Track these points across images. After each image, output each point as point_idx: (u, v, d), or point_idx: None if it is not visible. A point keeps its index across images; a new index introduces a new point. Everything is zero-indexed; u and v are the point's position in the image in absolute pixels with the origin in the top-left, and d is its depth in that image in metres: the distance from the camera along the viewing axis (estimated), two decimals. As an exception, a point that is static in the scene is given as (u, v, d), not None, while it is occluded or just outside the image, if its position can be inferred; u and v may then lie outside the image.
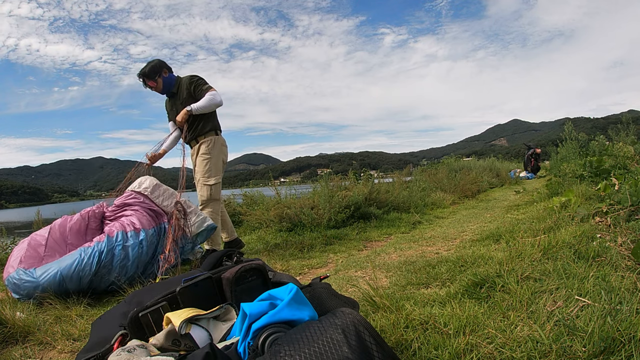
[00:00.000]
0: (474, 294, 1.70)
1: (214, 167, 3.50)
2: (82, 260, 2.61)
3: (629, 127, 7.26)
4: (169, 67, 3.55)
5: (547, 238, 2.22)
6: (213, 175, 3.48)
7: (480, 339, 1.27)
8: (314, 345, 0.78)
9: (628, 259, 1.71)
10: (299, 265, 3.19)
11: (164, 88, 3.54)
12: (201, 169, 3.49)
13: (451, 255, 2.58)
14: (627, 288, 1.41)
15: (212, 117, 3.56)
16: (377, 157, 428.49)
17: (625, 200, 2.52)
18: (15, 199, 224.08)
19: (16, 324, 1.97)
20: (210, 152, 3.49)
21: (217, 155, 3.53)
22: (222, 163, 3.60)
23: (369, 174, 7.44)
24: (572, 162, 6.90)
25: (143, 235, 2.93)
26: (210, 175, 3.47)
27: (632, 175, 3.44)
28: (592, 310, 1.27)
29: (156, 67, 3.45)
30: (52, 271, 2.56)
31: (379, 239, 4.22)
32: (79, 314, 2.27)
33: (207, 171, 3.47)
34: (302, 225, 4.80)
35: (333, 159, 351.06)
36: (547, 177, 10.54)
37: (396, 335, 1.38)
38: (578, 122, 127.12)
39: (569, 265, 1.76)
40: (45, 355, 1.78)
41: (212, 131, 3.53)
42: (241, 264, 1.28)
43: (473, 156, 15.50)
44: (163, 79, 3.49)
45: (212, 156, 3.50)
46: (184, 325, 1.03)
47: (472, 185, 8.57)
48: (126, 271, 2.78)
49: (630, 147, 5.18)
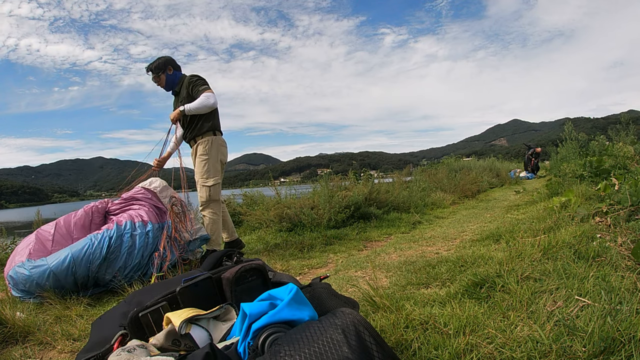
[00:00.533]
0: (474, 294, 1.70)
1: (212, 168, 3.50)
2: (93, 245, 2.73)
3: (629, 127, 7.26)
4: (176, 65, 3.60)
5: (547, 238, 2.22)
6: (212, 176, 3.48)
7: (480, 339, 1.27)
8: (314, 345, 0.78)
9: (628, 259, 1.71)
10: (299, 265, 3.19)
11: (167, 85, 3.61)
12: (199, 170, 3.50)
13: (451, 255, 2.58)
14: (627, 288, 1.41)
15: (211, 117, 3.56)
16: (377, 157, 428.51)
17: (625, 200, 2.52)
18: (15, 199, 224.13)
19: (16, 324, 1.97)
20: (208, 153, 3.49)
21: (215, 155, 3.53)
22: (220, 164, 3.60)
23: (369, 174, 7.44)
24: (572, 162, 6.90)
25: (150, 227, 3.04)
26: (208, 176, 3.48)
27: (632, 175, 3.44)
28: (592, 310, 1.27)
29: (160, 65, 3.53)
30: (63, 254, 2.64)
31: (379, 239, 4.22)
32: (78, 314, 2.27)
33: (205, 172, 3.48)
34: (302, 225, 4.80)
35: (333, 159, 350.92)
36: (547, 177, 10.55)
37: (396, 335, 1.38)
38: (578, 122, 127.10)
39: (569, 265, 1.76)
40: (45, 355, 1.78)
41: (209, 131, 3.53)
42: (241, 264, 1.28)
43: (473, 156, 15.50)
44: (166, 76, 3.56)
45: (210, 157, 3.50)
46: (184, 325, 1.03)
47: (472, 185, 8.57)
48: (132, 260, 2.86)
49: (630, 147, 5.18)
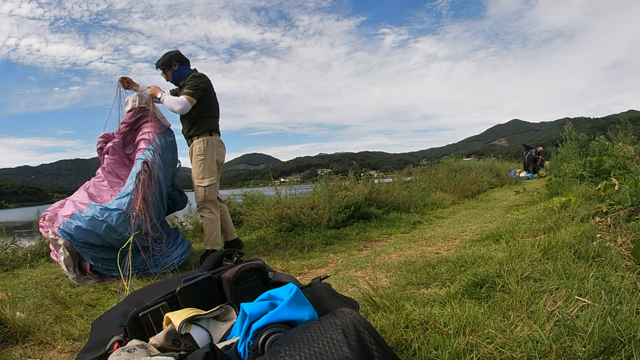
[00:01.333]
0: (474, 294, 1.70)
1: (208, 168, 3.52)
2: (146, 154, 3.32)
3: (628, 127, 7.27)
4: (183, 60, 3.65)
5: (547, 238, 2.22)
6: (207, 177, 3.50)
7: (480, 339, 1.27)
8: (314, 345, 0.78)
9: (628, 259, 1.71)
10: (299, 265, 3.19)
11: (174, 80, 3.69)
12: (195, 170, 3.54)
13: (451, 255, 2.58)
14: (627, 288, 1.41)
15: (208, 119, 3.58)
16: (377, 157, 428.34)
17: (625, 201, 2.52)
18: (15, 198, 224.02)
19: (16, 323, 1.97)
20: (204, 153, 3.51)
21: (211, 156, 3.55)
22: (216, 164, 3.61)
23: (368, 174, 7.43)
24: (572, 162, 6.90)
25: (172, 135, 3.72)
26: (204, 176, 3.50)
27: (632, 175, 3.44)
28: (592, 310, 1.27)
29: (166, 61, 3.61)
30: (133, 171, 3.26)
31: (379, 239, 4.22)
32: (78, 313, 2.27)
33: (200, 172, 3.51)
34: (302, 225, 4.80)
35: (333, 159, 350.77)
36: (547, 177, 10.55)
37: (396, 335, 1.39)
38: (578, 122, 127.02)
39: (569, 265, 1.76)
40: (45, 355, 1.78)
41: (206, 132, 3.56)
42: (241, 264, 1.28)
43: (473, 156, 15.50)
44: (172, 72, 3.64)
45: (206, 157, 3.52)
46: (184, 325, 1.03)
47: (472, 186, 8.57)
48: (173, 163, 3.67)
49: (631, 147, 5.18)
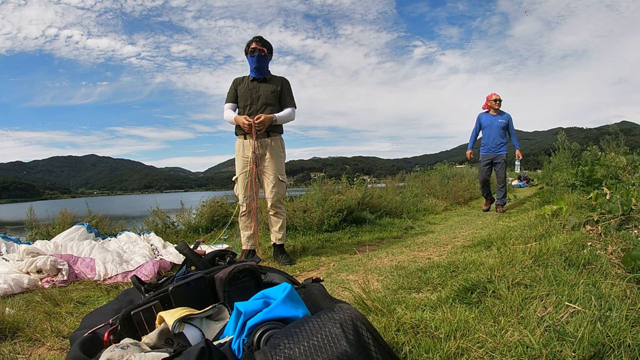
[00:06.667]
0: (465, 298, 1.71)
1: (284, 165, 3.46)
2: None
3: (620, 137, 7.36)
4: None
5: (538, 245, 2.24)
6: (285, 174, 3.44)
7: (470, 343, 1.28)
8: (313, 338, 0.79)
9: (618, 267, 1.73)
10: (291, 268, 3.19)
11: (265, 66, 3.47)
12: (277, 166, 3.36)
13: (443, 261, 2.59)
14: (617, 295, 1.43)
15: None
16: (371, 162, 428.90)
17: (616, 210, 2.55)
18: (6, 194, 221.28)
19: (5, 319, 1.94)
20: (284, 151, 3.45)
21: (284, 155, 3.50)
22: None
23: (362, 179, 7.46)
24: (564, 171, 6.97)
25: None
26: (284, 172, 3.42)
27: (623, 185, 3.49)
28: (582, 316, 1.29)
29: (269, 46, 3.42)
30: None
31: (371, 243, 4.22)
32: (68, 311, 2.24)
33: (282, 168, 3.40)
34: (295, 228, 4.80)
35: (327, 163, 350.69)
36: (539, 186, 10.63)
37: (388, 338, 1.39)
38: (571, 132, 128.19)
39: (559, 272, 1.78)
40: (34, 352, 1.76)
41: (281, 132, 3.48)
42: (234, 265, 1.28)
43: (466, 163, 15.58)
44: (267, 58, 3.45)
45: (284, 155, 3.45)
46: (177, 324, 1.02)
47: (464, 192, 8.63)
48: None
49: (623, 158, 5.25)
